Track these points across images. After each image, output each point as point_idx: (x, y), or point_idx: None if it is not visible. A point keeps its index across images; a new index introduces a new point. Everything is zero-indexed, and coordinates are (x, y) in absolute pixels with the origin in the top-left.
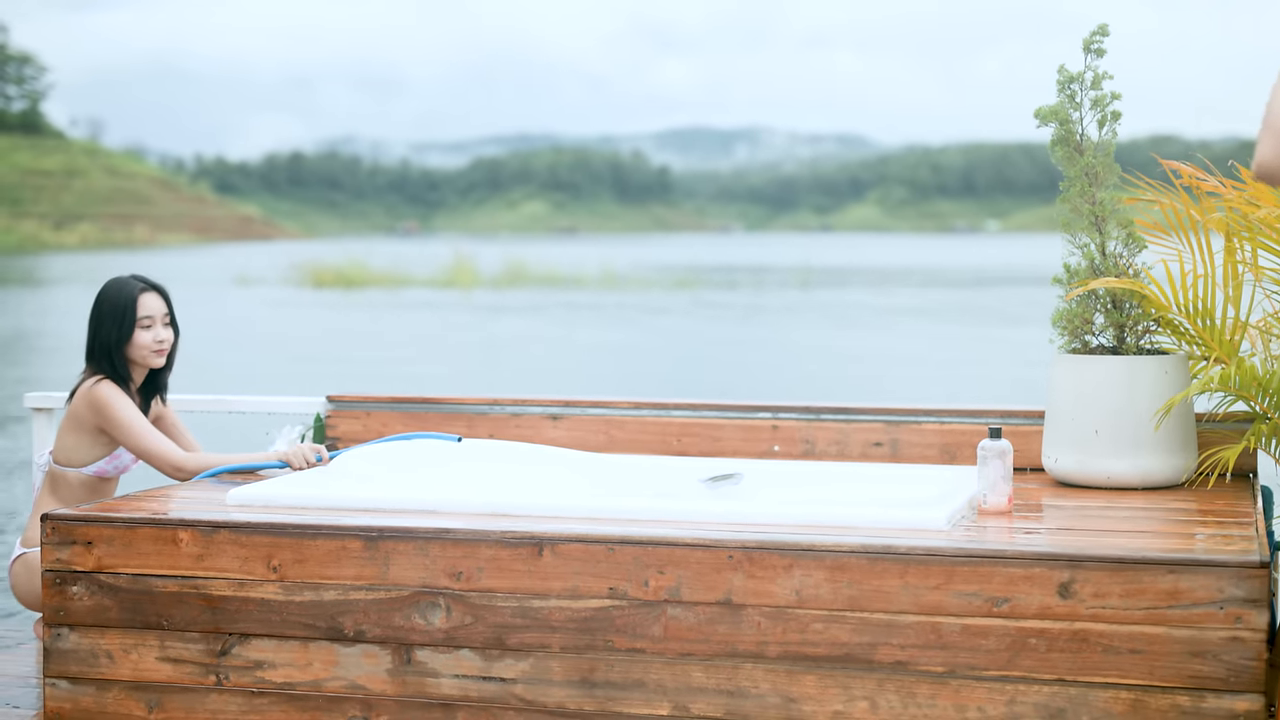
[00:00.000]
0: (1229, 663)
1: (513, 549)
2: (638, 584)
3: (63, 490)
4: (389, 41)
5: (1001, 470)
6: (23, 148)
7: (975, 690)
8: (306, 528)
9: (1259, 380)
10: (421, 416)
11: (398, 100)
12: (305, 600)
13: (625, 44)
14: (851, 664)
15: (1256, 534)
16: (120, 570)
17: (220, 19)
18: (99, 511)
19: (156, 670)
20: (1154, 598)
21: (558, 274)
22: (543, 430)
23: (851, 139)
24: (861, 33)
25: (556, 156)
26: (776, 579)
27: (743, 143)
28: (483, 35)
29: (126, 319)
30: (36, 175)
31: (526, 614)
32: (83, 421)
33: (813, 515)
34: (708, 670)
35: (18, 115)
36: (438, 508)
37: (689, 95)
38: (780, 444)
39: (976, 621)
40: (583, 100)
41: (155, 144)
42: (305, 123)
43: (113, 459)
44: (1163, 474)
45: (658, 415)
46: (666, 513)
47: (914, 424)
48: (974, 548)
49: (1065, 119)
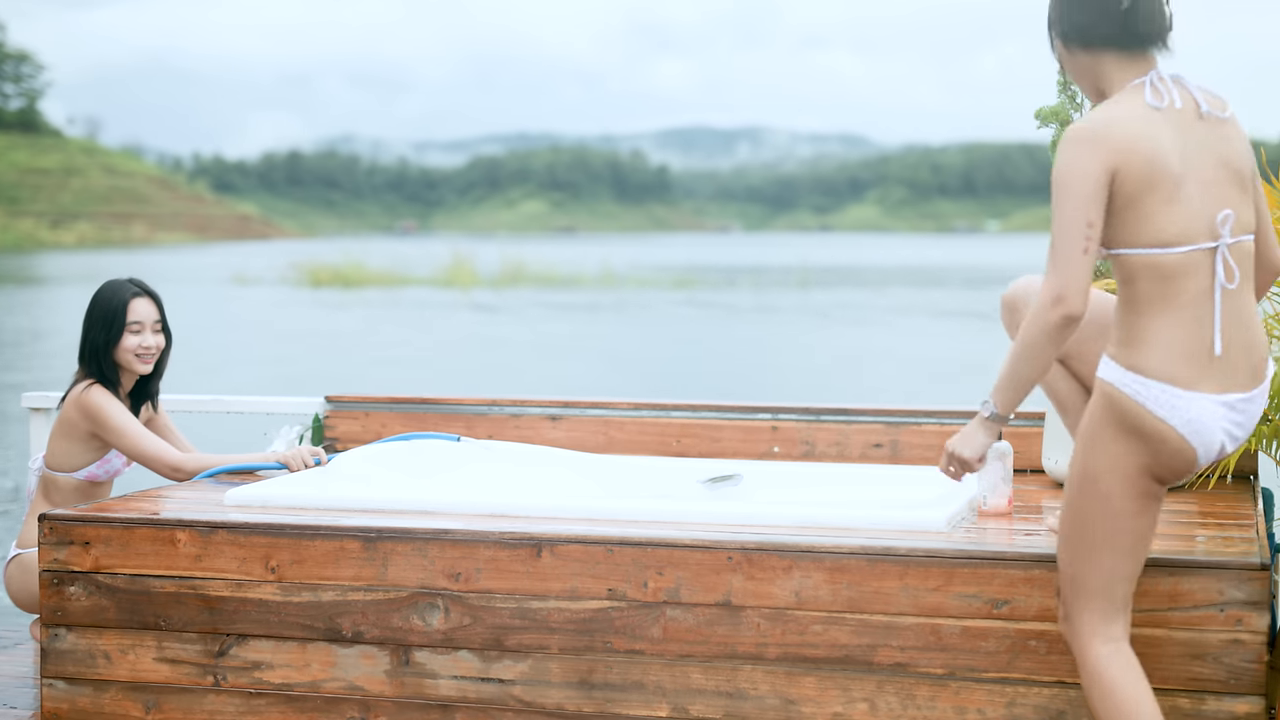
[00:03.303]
0: (1229, 665)
1: (511, 550)
2: (637, 585)
3: (55, 495)
4: (388, 40)
5: (1001, 472)
6: (20, 146)
7: (975, 692)
8: (305, 528)
9: None
10: (420, 417)
11: (396, 99)
12: (303, 601)
13: (624, 43)
14: (851, 666)
15: (1257, 536)
16: (118, 570)
17: (218, 17)
18: (97, 512)
19: (154, 671)
20: (1154, 600)
21: (556, 274)
22: (542, 431)
23: (851, 139)
24: (861, 32)
25: (555, 156)
26: (776, 580)
27: (742, 142)
28: (482, 34)
29: (116, 322)
30: (34, 174)
31: (525, 615)
32: (75, 427)
33: (812, 517)
34: (707, 672)
35: (15, 113)
36: (436, 508)
37: (688, 94)
38: (780, 445)
39: (976, 623)
40: (582, 99)
41: (153, 142)
42: (303, 121)
43: (103, 463)
44: None
45: (657, 416)
46: (666, 514)
47: (914, 425)
48: (974, 549)
49: (1066, 119)
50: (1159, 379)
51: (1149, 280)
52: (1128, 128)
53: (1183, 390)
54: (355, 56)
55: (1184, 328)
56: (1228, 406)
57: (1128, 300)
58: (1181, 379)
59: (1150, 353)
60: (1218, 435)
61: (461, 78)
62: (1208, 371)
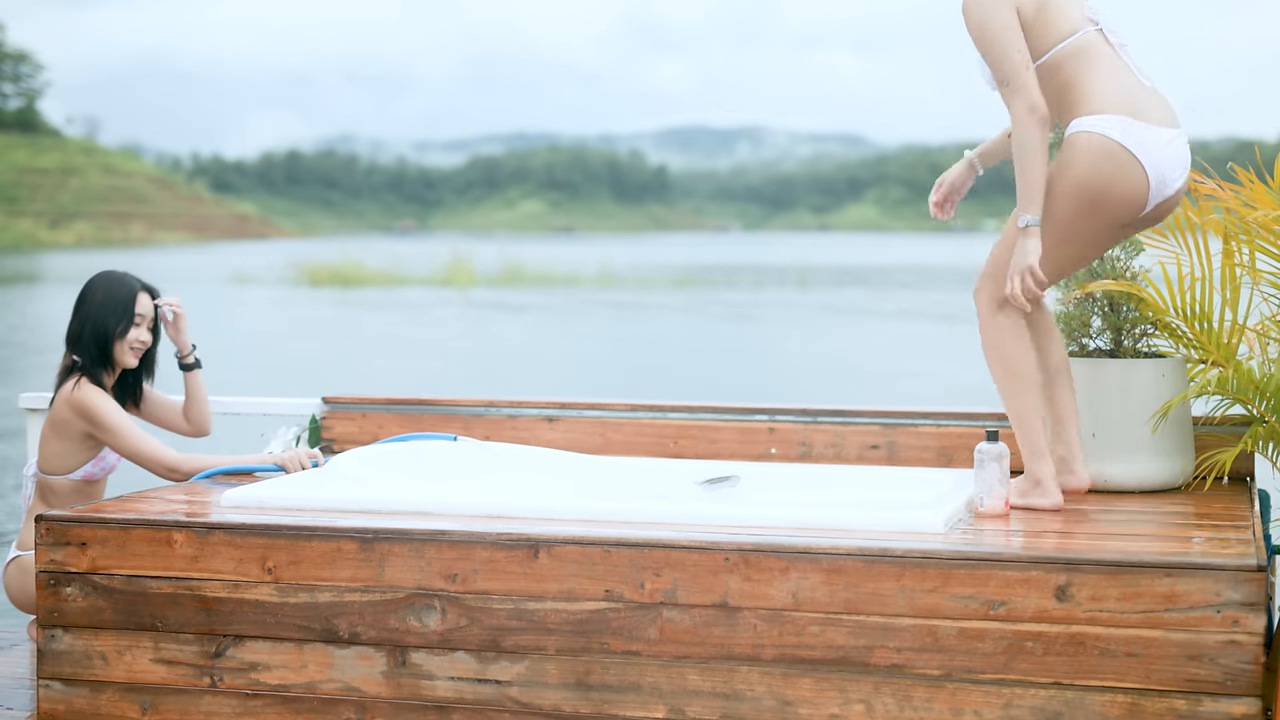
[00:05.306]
0: (1226, 666)
1: (508, 551)
2: (634, 586)
3: (52, 498)
4: (387, 40)
5: (998, 473)
6: (19, 146)
7: (971, 693)
8: (301, 529)
9: (1256, 383)
10: (417, 418)
11: (395, 99)
12: (300, 602)
13: (623, 43)
14: (848, 667)
15: (1254, 537)
16: (114, 571)
17: (217, 17)
18: (93, 513)
19: (150, 672)
20: (1151, 601)
21: (555, 273)
22: (539, 432)
23: (850, 138)
24: (859, 32)
25: (554, 155)
26: (773, 581)
27: (740, 142)
28: (481, 34)
29: (128, 312)
30: (33, 173)
31: (522, 616)
32: (68, 427)
33: (809, 518)
34: (704, 673)
35: (14, 113)
36: (433, 509)
37: (687, 94)
38: (777, 446)
39: (973, 624)
40: (580, 99)
41: (152, 142)
42: (302, 121)
43: (98, 461)
44: (1160, 477)
45: (654, 417)
46: (663, 515)
47: (911, 426)
48: (971, 551)
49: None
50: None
51: (1072, 64)
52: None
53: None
54: (354, 56)
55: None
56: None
57: (1063, 86)
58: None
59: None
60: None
61: (460, 78)
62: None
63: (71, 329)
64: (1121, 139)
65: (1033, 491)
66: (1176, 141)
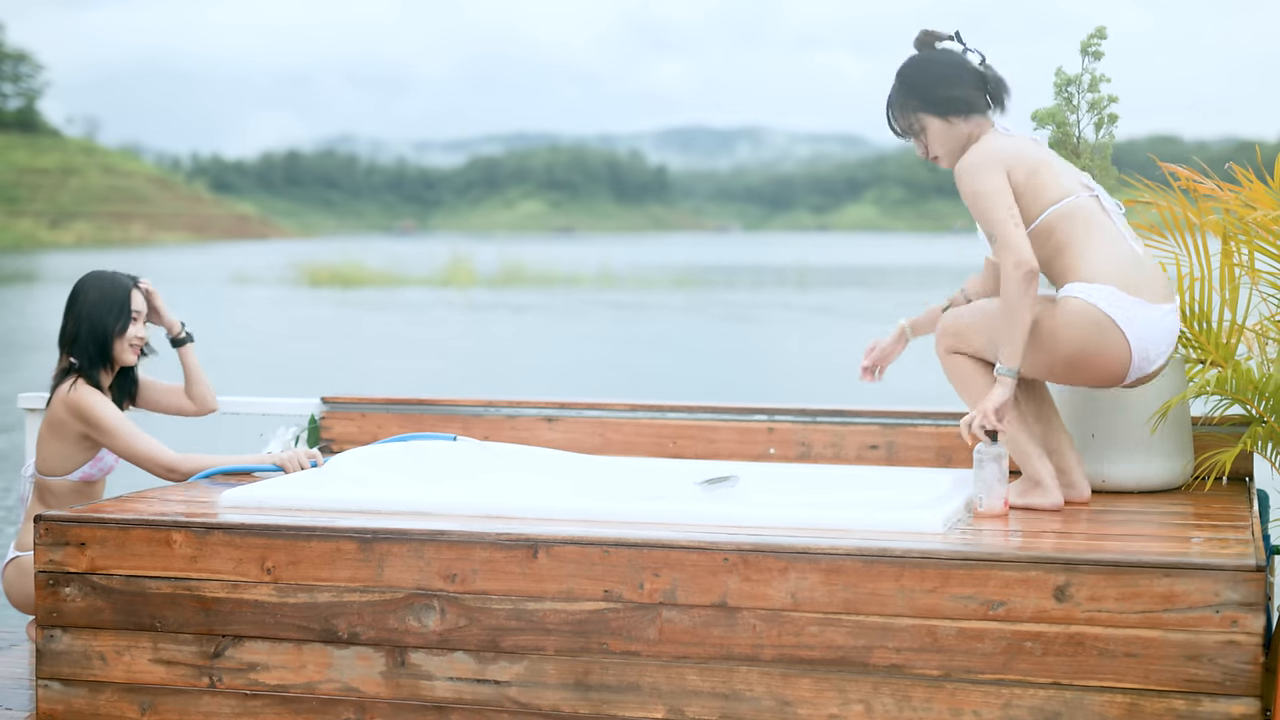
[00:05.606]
0: (1225, 666)
1: (507, 551)
2: (633, 586)
3: (50, 499)
4: (387, 40)
5: (997, 473)
6: (19, 146)
7: (971, 694)
8: (300, 529)
9: (1255, 384)
10: (417, 418)
11: (395, 99)
12: (299, 602)
13: (622, 43)
14: (847, 667)
15: (1253, 538)
16: (113, 572)
17: (217, 17)
18: (92, 513)
19: (149, 672)
20: (1150, 601)
21: (555, 273)
22: (538, 432)
23: (849, 139)
24: (859, 32)
25: (553, 155)
26: (772, 582)
27: (740, 142)
28: (481, 34)
29: (124, 309)
30: (32, 173)
31: (521, 616)
32: (65, 428)
33: (808, 518)
34: (703, 673)
35: (14, 113)
36: (432, 510)
37: (686, 94)
38: (776, 446)
39: (972, 625)
40: (580, 99)
41: (152, 142)
42: (302, 121)
43: (96, 461)
44: (1159, 477)
45: (653, 417)
46: (662, 515)
47: (910, 426)
48: (970, 551)
49: (1062, 121)
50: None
51: (1065, 227)
52: (1004, 144)
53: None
54: (354, 56)
55: (1110, 244)
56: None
57: (1056, 249)
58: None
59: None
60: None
61: (460, 78)
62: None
63: (66, 331)
64: (1109, 310)
65: (1033, 491)
66: (1168, 318)
